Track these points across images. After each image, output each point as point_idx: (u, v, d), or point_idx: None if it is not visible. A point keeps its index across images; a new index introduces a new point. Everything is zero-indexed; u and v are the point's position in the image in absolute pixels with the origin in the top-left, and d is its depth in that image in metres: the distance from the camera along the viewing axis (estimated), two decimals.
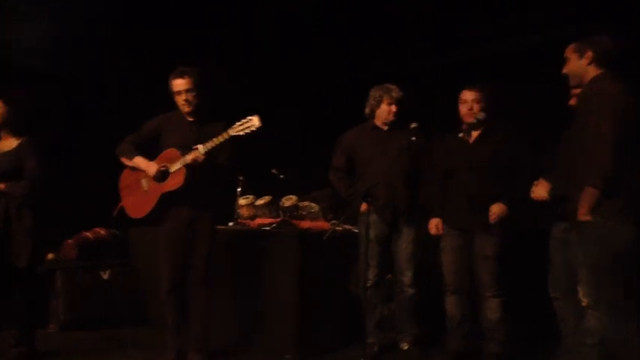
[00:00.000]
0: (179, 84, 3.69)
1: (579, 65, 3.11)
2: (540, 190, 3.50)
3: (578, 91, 3.48)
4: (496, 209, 3.79)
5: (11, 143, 3.88)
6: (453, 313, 4.01)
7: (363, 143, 4.21)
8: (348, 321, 4.29)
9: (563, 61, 3.24)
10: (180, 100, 3.72)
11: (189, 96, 3.69)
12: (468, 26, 5.35)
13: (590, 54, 3.06)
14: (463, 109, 3.94)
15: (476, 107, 3.89)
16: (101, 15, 5.14)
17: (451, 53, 5.54)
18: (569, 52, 3.16)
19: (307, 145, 5.79)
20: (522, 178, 3.77)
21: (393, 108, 4.12)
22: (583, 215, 2.97)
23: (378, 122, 4.20)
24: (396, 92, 4.12)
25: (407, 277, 4.11)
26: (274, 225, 4.43)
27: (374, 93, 4.18)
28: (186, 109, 3.73)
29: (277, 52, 5.99)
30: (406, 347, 4.17)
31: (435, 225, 4.02)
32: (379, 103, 4.15)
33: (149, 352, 3.96)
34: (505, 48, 5.25)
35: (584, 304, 3.43)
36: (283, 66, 6.07)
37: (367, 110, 4.22)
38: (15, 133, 3.89)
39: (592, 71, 3.08)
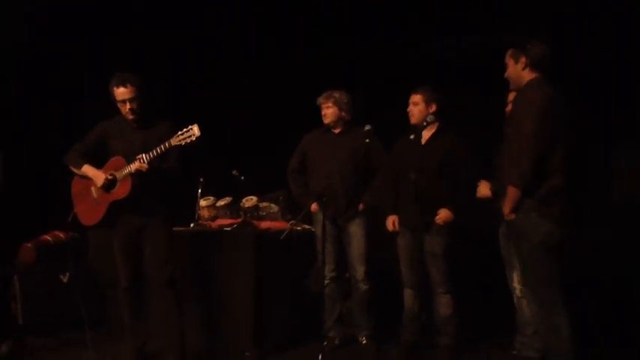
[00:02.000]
0: (122, 93, 3.68)
1: (515, 70, 3.25)
2: (484, 189, 3.66)
3: (512, 97, 3.63)
4: (443, 214, 3.95)
5: None
6: (408, 307, 4.14)
7: (314, 145, 4.38)
8: (306, 318, 4.37)
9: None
10: (124, 109, 3.73)
11: (134, 105, 3.70)
12: (416, 28, 5.46)
13: (523, 59, 3.19)
14: (413, 110, 4.06)
15: (425, 109, 4.02)
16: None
17: (399, 55, 5.63)
18: (508, 58, 3.29)
19: (268, 145, 5.83)
20: (467, 180, 3.93)
21: (325, 111, 4.27)
22: (507, 214, 3.13)
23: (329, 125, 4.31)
24: (329, 97, 4.26)
25: (359, 272, 4.23)
26: (235, 226, 4.49)
27: (318, 98, 4.32)
28: (130, 117, 3.74)
29: (236, 52, 6.03)
30: (364, 341, 4.29)
31: (392, 221, 4.15)
32: (320, 108, 4.30)
33: (110, 354, 4.00)
34: (451, 51, 5.37)
35: (518, 292, 3.61)
36: (244, 66, 6.12)
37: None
38: None
39: (526, 75, 3.21)
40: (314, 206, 4.23)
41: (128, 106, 3.70)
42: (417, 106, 4.03)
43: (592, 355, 3.51)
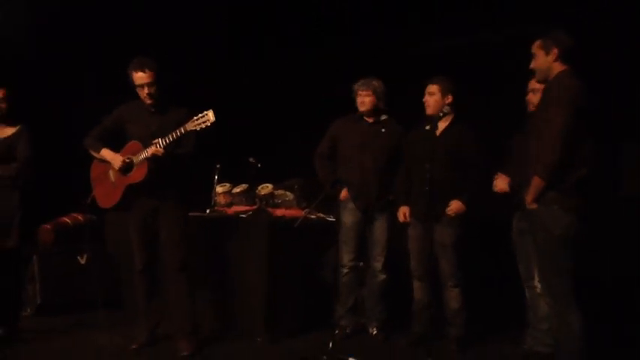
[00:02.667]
0: (141, 77, 3.74)
1: (546, 61, 3.20)
2: (501, 183, 3.67)
3: (535, 85, 3.59)
4: (454, 206, 3.95)
5: (6, 131, 4.10)
6: (418, 299, 4.15)
7: (347, 132, 4.33)
8: (318, 305, 4.40)
9: (520, 58, 3.34)
10: (142, 93, 3.78)
11: (152, 89, 3.76)
12: (427, 23, 5.44)
13: (555, 50, 3.16)
14: (429, 101, 4.04)
15: (440, 100, 4.00)
16: None
17: (416, 46, 5.61)
18: (536, 49, 3.24)
19: (286, 133, 5.86)
20: (479, 172, 3.94)
21: (361, 99, 4.22)
22: (529, 203, 3.10)
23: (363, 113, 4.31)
24: (366, 84, 4.22)
25: (380, 262, 4.25)
26: (250, 212, 4.52)
27: (355, 85, 4.29)
28: (148, 101, 3.79)
29: (257, 42, 6.06)
30: (375, 332, 4.31)
31: (403, 213, 4.15)
32: (355, 95, 4.27)
33: (124, 335, 4.06)
34: (463, 43, 5.33)
35: (538, 290, 3.57)
36: (261, 56, 6.14)
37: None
38: (10, 122, 4.11)
39: (557, 67, 3.17)
40: (344, 193, 4.22)
41: (146, 90, 3.76)
42: (432, 96, 4.01)
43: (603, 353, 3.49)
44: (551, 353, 3.47)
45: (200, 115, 3.58)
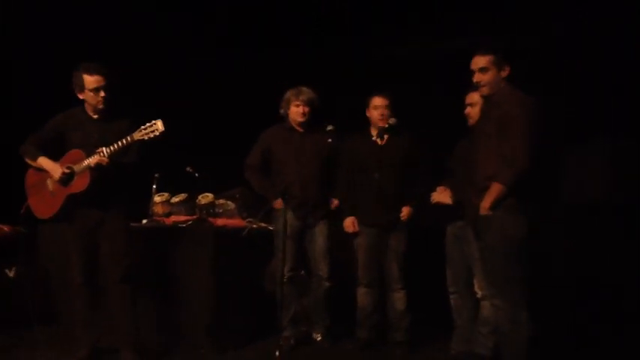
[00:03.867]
0: (97, 80, 3.65)
1: (498, 77, 3.31)
2: (443, 197, 3.83)
3: (474, 99, 3.75)
4: (406, 211, 4.11)
5: None
6: (364, 305, 4.22)
7: (279, 143, 4.33)
8: (262, 316, 4.38)
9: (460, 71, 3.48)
10: (96, 97, 3.67)
11: (106, 93, 3.68)
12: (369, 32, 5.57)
13: (508, 69, 3.30)
14: (375, 114, 4.15)
15: (387, 113, 4.13)
16: None
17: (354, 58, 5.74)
18: (489, 64, 3.31)
19: (223, 143, 5.82)
20: (424, 177, 4.12)
21: (301, 109, 4.27)
22: (485, 209, 3.20)
23: (293, 123, 4.33)
24: (304, 94, 4.27)
25: (323, 271, 4.28)
26: (190, 222, 4.46)
27: (285, 95, 4.33)
28: (101, 106, 3.70)
29: (193, 48, 6.00)
30: (319, 338, 4.34)
31: (351, 223, 4.21)
32: (289, 104, 4.31)
33: (61, 351, 3.91)
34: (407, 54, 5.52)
35: (478, 295, 3.73)
36: (196, 63, 6.10)
37: (282, 111, 4.37)
38: None
39: (502, 82, 3.31)
40: (279, 203, 4.18)
41: (102, 94, 3.66)
42: (379, 110, 4.13)
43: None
44: (493, 356, 3.63)
45: (148, 124, 3.52)
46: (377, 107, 4.15)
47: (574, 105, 4.69)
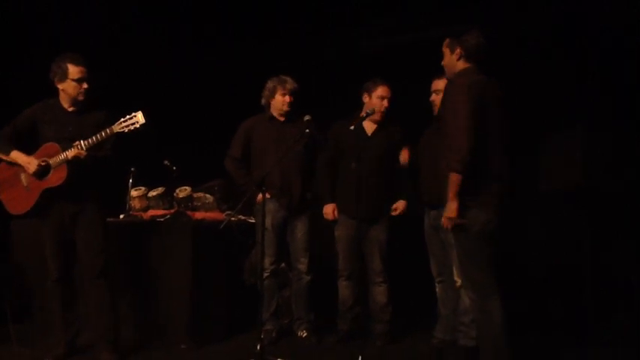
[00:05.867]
0: (81, 71, 3.60)
1: (450, 60, 3.35)
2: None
3: (438, 86, 3.75)
4: (401, 206, 4.13)
5: None
6: (345, 298, 4.22)
7: (260, 133, 4.29)
8: (242, 309, 4.36)
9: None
10: (78, 88, 3.62)
11: (88, 85, 3.63)
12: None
13: (459, 50, 3.31)
14: (379, 103, 4.09)
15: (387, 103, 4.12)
16: None
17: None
18: (444, 47, 3.38)
19: (201, 135, 5.76)
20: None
21: (287, 99, 4.23)
22: (452, 198, 3.16)
23: (274, 113, 4.29)
24: (289, 84, 4.24)
25: (303, 264, 4.26)
26: (168, 216, 4.41)
27: (269, 84, 4.28)
28: (81, 97, 3.64)
29: (168, 39, 5.93)
30: (303, 333, 4.29)
31: (331, 210, 4.19)
32: (273, 94, 4.26)
33: (37, 348, 3.85)
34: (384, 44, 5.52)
35: (458, 284, 3.74)
36: (175, 55, 6.02)
37: (263, 101, 4.33)
38: None
39: (460, 65, 3.32)
40: (259, 198, 4.06)
41: (85, 85, 3.61)
42: (385, 101, 4.11)
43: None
44: (476, 346, 3.64)
45: (128, 116, 3.46)
46: (382, 97, 4.11)
47: (550, 94, 4.73)
